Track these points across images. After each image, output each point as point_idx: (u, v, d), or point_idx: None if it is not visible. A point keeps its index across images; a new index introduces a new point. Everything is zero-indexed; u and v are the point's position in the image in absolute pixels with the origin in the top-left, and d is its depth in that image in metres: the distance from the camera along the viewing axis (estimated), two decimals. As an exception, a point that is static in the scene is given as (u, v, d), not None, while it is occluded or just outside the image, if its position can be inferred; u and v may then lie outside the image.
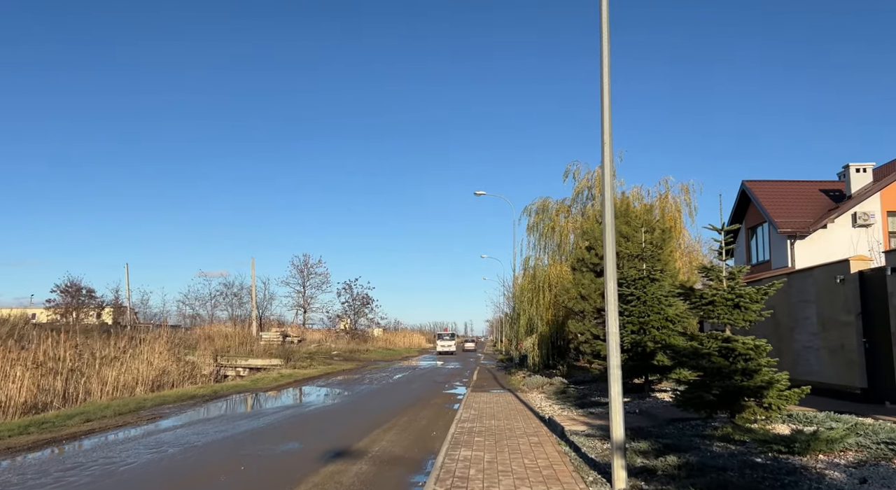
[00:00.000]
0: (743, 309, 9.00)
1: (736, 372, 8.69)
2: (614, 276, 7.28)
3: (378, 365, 42.69)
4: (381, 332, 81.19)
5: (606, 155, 7.28)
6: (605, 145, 7.26)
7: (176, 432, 12.86)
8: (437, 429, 13.18)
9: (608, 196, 7.30)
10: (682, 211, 26.37)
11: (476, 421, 13.04)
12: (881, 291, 10.99)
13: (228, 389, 23.54)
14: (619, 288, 14.60)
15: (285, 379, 28.13)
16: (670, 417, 11.08)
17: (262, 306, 60.48)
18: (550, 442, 10.23)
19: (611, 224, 7.31)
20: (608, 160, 7.29)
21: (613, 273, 7.28)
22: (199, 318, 61.59)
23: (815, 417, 9.28)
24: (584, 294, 17.00)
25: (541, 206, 28.20)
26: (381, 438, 11.98)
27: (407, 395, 20.87)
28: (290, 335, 51.88)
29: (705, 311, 9.21)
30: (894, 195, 27.93)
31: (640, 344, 13.66)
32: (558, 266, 25.14)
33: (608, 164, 7.29)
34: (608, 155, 7.29)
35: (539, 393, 18.96)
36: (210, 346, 38.44)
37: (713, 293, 9.11)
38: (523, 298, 25.87)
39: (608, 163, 7.28)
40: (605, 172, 7.28)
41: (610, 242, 7.30)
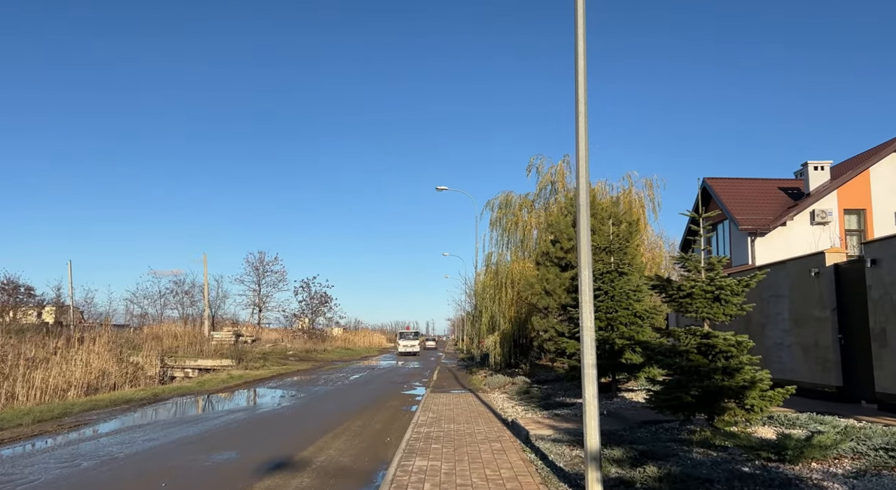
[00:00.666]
0: (723, 302, 8.28)
1: (716, 371, 7.95)
2: (589, 264, 6.41)
3: (335, 365, 41.34)
4: (341, 332, 79.44)
5: (581, 111, 6.40)
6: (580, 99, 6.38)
7: (98, 442, 11.49)
8: (391, 434, 12.17)
9: (583, 170, 6.42)
10: (645, 207, 25.99)
11: (434, 425, 12.08)
12: (859, 285, 10.48)
13: (171, 392, 21.99)
14: (586, 282, 13.87)
15: (234, 380, 26.65)
16: (642, 419, 10.34)
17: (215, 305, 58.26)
18: (514, 448, 9.34)
19: (586, 202, 6.43)
20: (583, 121, 6.41)
21: (588, 260, 6.40)
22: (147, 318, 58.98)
23: (798, 419, 8.63)
24: (549, 289, 16.23)
25: (504, 200, 27.45)
26: (329, 446, 10.91)
27: (362, 397, 19.77)
28: (243, 335, 49.99)
29: (682, 305, 8.46)
30: (850, 193, 28.22)
31: (607, 341, 12.92)
32: (521, 262, 24.40)
33: (583, 125, 6.41)
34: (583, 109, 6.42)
35: (501, 393, 18.14)
36: (157, 346, 36.49)
37: (691, 285, 8.36)
38: (485, 295, 25.04)
39: (583, 124, 6.40)
40: (580, 138, 6.39)
41: (584, 224, 6.42)
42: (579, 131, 6.40)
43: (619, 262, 13.54)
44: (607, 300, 13.36)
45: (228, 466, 9.17)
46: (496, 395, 17.86)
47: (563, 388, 16.97)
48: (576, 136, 6.41)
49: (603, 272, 13.57)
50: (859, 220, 27.91)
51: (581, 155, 6.38)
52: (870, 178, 29.58)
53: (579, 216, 6.45)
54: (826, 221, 27.76)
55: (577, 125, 6.40)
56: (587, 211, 6.46)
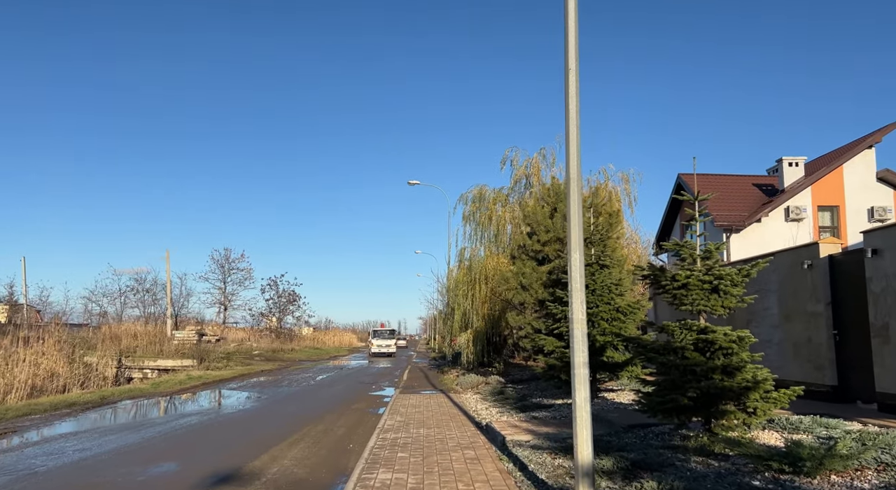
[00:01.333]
0: (722, 293, 7.46)
1: (715, 370, 7.12)
2: (580, 246, 5.49)
3: (302, 365, 39.98)
4: (311, 331, 77.72)
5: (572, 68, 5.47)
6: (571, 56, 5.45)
7: (21, 454, 10.20)
8: (355, 440, 11.13)
9: (573, 133, 5.49)
10: (621, 201, 25.41)
11: (402, 429, 11.07)
12: (856, 277, 9.81)
13: (121, 394, 20.55)
14: (567, 275, 13.01)
15: (193, 381, 25.22)
16: (628, 423, 9.49)
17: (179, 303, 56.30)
18: (490, 457, 8.40)
19: (577, 170, 5.51)
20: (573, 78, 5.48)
21: (579, 241, 5.49)
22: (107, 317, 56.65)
23: (801, 423, 7.86)
24: (525, 284, 15.35)
25: (477, 194, 26.57)
26: (284, 455, 9.82)
27: (327, 399, 18.65)
28: (206, 334, 48.19)
29: (677, 297, 7.61)
30: (824, 190, 28.07)
31: (588, 337, 12.06)
32: (496, 257, 23.53)
33: (573, 80, 5.48)
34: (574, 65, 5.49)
35: (474, 393, 17.21)
36: (113, 345, 34.73)
37: (687, 275, 7.52)
38: (458, 292, 24.11)
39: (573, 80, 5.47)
40: (570, 95, 5.46)
41: (576, 197, 5.50)
42: (569, 86, 5.46)
43: (601, 254, 12.71)
44: (588, 294, 12.50)
45: (164, 481, 8.03)
46: (469, 395, 16.92)
47: (540, 387, 16.12)
48: (565, 89, 5.47)
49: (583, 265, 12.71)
50: (832, 216, 27.77)
51: (571, 115, 5.45)
52: (843, 174, 29.49)
53: (569, 189, 5.52)
54: (800, 218, 27.55)
55: (566, 80, 5.47)
56: (578, 183, 5.54)
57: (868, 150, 29.13)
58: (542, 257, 15.78)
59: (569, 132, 5.48)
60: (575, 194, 5.52)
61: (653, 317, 18.50)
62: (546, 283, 14.97)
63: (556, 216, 15.38)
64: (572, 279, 5.43)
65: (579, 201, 5.52)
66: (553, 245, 15.36)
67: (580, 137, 5.49)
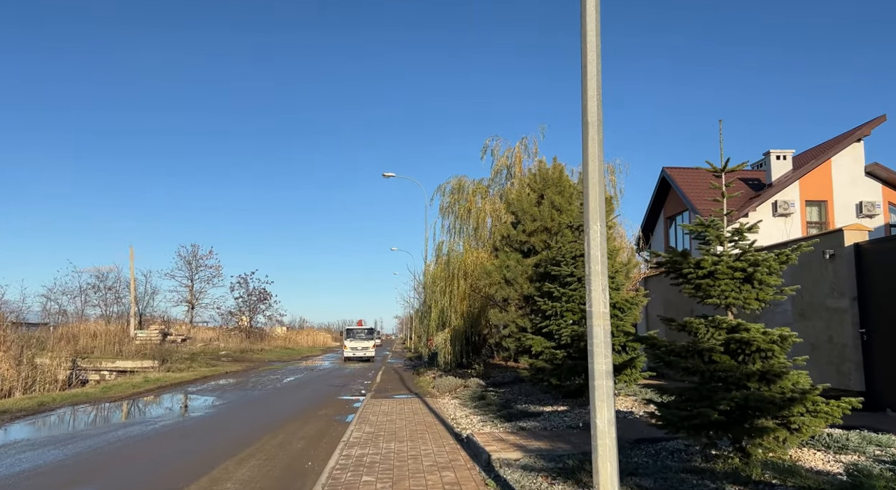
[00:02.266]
0: (757, 283, 6.14)
1: (750, 376, 5.80)
2: (601, 213, 4.09)
3: (272, 366, 38.15)
4: (285, 331, 75.50)
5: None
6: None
7: None
8: (316, 456, 9.62)
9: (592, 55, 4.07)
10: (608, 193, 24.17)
11: (370, 444, 9.59)
12: (889, 267, 8.62)
13: (63, 400, 18.68)
14: (556, 267, 11.65)
15: (149, 384, 23.36)
16: (634, 437, 8.14)
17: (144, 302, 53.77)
18: (473, 480, 6.98)
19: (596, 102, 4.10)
20: None
21: (600, 206, 4.08)
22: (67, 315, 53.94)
23: (847, 439, 6.58)
24: (510, 278, 13.97)
25: (456, 185, 25.17)
26: (229, 476, 8.28)
27: (292, 404, 17.05)
28: (171, 333, 45.98)
29: (701, 287, 6.28)
30: (812, 184, 27.28)
31: (581, 337, 10.75)
32: (475, 252, 22.13)
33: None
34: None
35: (452, 398, 15.78)
36: (68, 346, 32.53)
37: (715, 260, 6.18)
38: (435, 288, 22.67)
39: None
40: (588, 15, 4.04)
41: (595, 147, 4.09)
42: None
43: (596, 243, 11.39)
44: (581, 289, 11.18)
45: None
46: (447, 400, 15.48)
47: (524, 391, 14.75)
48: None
49: (576, 255, 11.39)
50: (820, 211, 26.98)
51: (589, 31, 4.03)
52: (831, 168, 28.75)
53: (586, 138, 4.10)
54: (788, 213, 26.70)
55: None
56: (598, 128, 4.12)
57: (857, 143, 28.41)
58: (528, 249, 14.41)
59: (585, 55, 4.07)
60: (594, 147, 4.11)
61: (643, 315, 17.28)
62: (532, 276, 13.61)
63: (543, 204, 14.03)
64: (592, 259, 4.03)
65: (599, 155, 4.11)
66: (540, 235, 14.00)
67: (600, 65, 4.08)
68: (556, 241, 12.92)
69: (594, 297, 4.00)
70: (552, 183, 14.20)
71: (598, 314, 3.98)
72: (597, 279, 4.00)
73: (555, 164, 14.52)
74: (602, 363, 3.93)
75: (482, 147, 25.87)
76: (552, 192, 13.96)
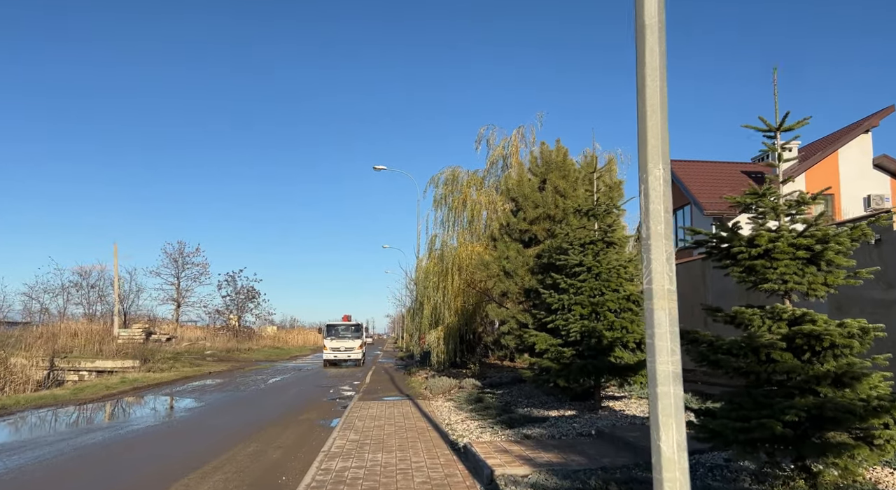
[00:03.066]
0: (825, 265, 5.00)
1: (821, 379, 4.66)
2: (663, 149, 2.91)
3: (258, 366, 36.85)
4: (275, 330, 74.02)
5: None
6: None
7: None
8: (292, 468, 8.42)
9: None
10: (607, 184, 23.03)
11: (354, 455, 8.39)
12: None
13: (28, 403, 17.34)
14: (563, 256, 10.50)
15: (125, 385, 22.03)
16: (660, 448, 6.99)
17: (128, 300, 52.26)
18: (474, 504, 5.81)
19: None
20: None
21: (662, 137, 2.90)
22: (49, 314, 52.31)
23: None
24: (510, 270, 12.80)
25: (450, 176, 23.93)
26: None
27: (273, 407, 15.82)
28: (155, 332, 44.54)
29: (754, 270, 5.14)
30: (819, 177, 26.29)
31: (592, 333, 9.60)
32: (470, 246, 20.93)
33: None
34: None
35: (446, 400, 14.61)
36: (44, 345, 31.10)
37: (772, 237, 5.04)
38: (428, 283, 21.47)
39: None
40: None
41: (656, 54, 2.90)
42: None
43: (609, 227, 10.24)
44: (591, 279, 10.04)
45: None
46: (440, 402, 14.31)
47: (524, 393, 13.60)
48: None
49: (585, 242, 10.24)
50: (827, 205, 26.00)
51: None
52: (838, 160, 27.79)
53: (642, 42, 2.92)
54: (794, 207, 25.55)
55: None
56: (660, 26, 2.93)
57: (864, 134, 27.47)
58: (530, 238, 13.25)
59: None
60: (654, 59, 2.93)
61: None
62: (534, 268, 12.45)
63: (546, 189, 12.89)
64: (652, 216, 2.85)
65: (661, 69, 2.93)
66: (542, 223, 12.85)
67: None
68: (561, 228, 11.78)
69: (655, 269, 2.84)
70: (555, 167, 13.06)
71: (660, 293, 2.83)
72: (658, 244, 2.85)
73: (558, 146, 13.39)
74: (667, 362, 2.77)
75: (476, 137, 24.68)
76: (556, 177, 12.81)
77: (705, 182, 29.21)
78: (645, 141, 2.89)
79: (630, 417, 9.30)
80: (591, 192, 10.50)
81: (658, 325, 2.82)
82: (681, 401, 2.80)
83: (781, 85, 31.60)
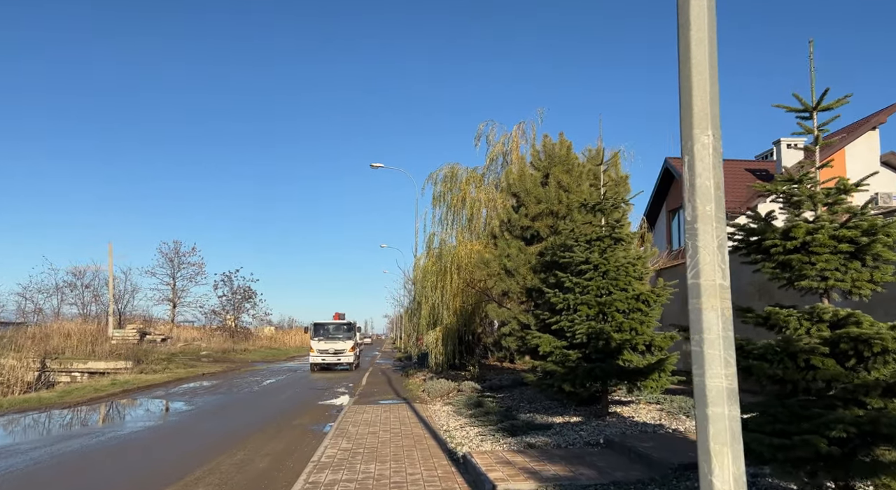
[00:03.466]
0: (871, 260, 4.44)
1: (870, 389, 4.10)
2: (712, 110, 2.33)
3: (254, 367, 36.29)
4: (273, 331, 73.41)
5: None
6: None
7: None
8: (278, 480, 7.85)
9: None
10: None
11: (345, 466, 7.82)
12: None
13: (11, 406, 16.81)
14: (568, 253, 9.93)
15: (114, 388, 21.45)
16: (677, 461, 6.40)
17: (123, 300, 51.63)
18: (475, 525, 5.23)
19: None
20: None
21: (712, 98, 2.32)
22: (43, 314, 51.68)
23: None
24: (511, 268, 12.23)
25: (449, 173, 23.38)
26: (161, 512, 6.49)
27: (265, 411, 15.24)
28: (150, 333, 43.94)
29: (789, 265, 4.59)
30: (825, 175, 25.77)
31: (599, 335, 9.04)
32: (469, 244, 20.36)
33: None
34: None
35: (444, 404, 14.05)
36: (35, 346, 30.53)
37: (811, 228, 4.48)
38: (426, 283, 20.89)
39: None
40: None
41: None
42: None
43: (616, 223, 9.67)
44: (598, 278, 9.47)
45: None
46: (438, 407, 13.74)
47: (526, 397, 13.03)
48: None
49: (591, 238, 9.67)
50: (833, 204, 25.47)
51: None
52: (845, 158, 27.25)
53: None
54: (801, 205, 24.98)
55: None
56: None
57: (872, 131, 26.92)
58: (532, 235, 12.68)
59: None
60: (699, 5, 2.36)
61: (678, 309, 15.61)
62: (536, 266, 11.88)
63: (549, 184, 12.32)
64: (698, 193, 2.29)
65: (710, 18, 2.36)
66: (545, 219, 12.29)
67: None
68: (565, 224, 11.21)
69: (703, 259, 2.28)
70: (559, 161, 12.50)
71: (710, 289, 2.26)
72: (707, 228, 2.28)
73: (561, 139, 12.82)
74: (720, 376, 2.21)
75: (476, 133, 24.14)
76: (559, 171, 12.25)
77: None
78: (689, 100, 2.33)
79: (640, 425, 8.73)
80: (596, 186, 9.94)
81: (707, 329, 2.25)
82: (738, 424, 2.24)
83: (787, 77, 30.19)
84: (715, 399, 2.20)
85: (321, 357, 29.81)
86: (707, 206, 2.28)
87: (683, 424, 8.69)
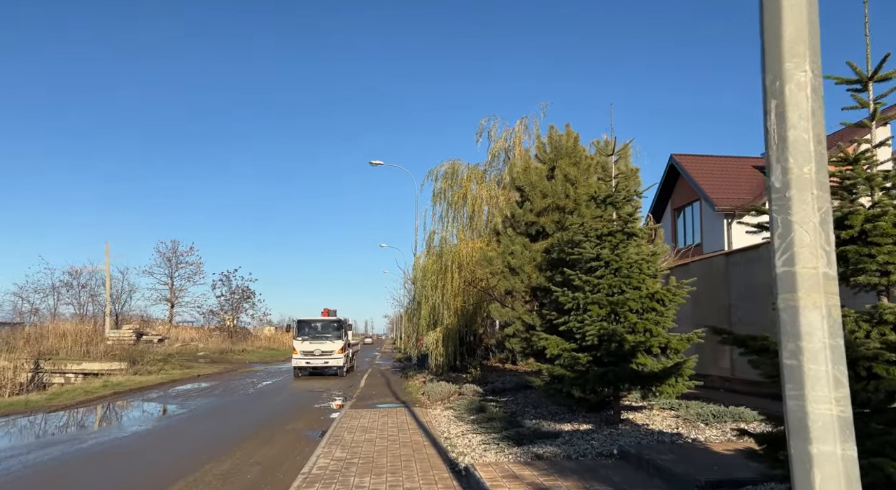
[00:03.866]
0: (941, 250, 3.82)
1: (945, 401, 3.48)
2: (811, 38, 1.70)
3: (251, 368, 35.69)
4: (272, 331, 72.83)
5: None
6: None
7: None
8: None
9: None
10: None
11: (337, 478, 7.21)
12: None
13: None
14: (577, 249, 9.31)
15: (106, 390, 20.86)
16: (704, 477, 5.78)
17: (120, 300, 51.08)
18: (480, 553, 4.61)
19: None
20: None
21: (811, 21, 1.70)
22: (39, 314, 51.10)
23: None
24: (515, 266, 11.61)
25: (449, 169, 22.80)
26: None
27: (259, 415, 14.64)
28: (147, 333, 43.37)
29: (844, 259, 3.98)
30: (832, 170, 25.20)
31: (612, 337, 8.42)
32: (470, 242, 19.76)
33: None
34: None
35: (445, 408, 13.43)
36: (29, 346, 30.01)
37: (870, 215, 3.87)
38: (426, 282, 20.30)
39: None
40: None
41: None
42: None
43: (629, 217, 9.06)
44: (609, 276, 8.86)
45: None
46: (439, 411, 13.12)
47: (531, 401, 12.41)
48: None
49: (602, 234, 9.05)
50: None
51: None
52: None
53: None
54: (809, 202, 24.35)
55: None
56: None
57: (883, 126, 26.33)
58: (537, 231, 12.07)
59: None
60: None
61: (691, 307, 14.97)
62: (542, 264, 11.27)
63: (555, 178, 11.71)
64: (791, 147, 1.67)
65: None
66: (551, 214, 11.67)
67: None
68: (573, 219, 10.60)
69: (799, 240, 1.67)
70: (566, 153, 11.89)
71: (809, 280, 1.65)
72: (805, 197, 1.68)
73: (568, 131, 12.22)
74: (829, 399, 1.60)
75: (477, 129, 23.53)
76: (566, 164, 11.64)
77: (715, 177, 28.03)
78: (777, 24, 1.71)
79: (656, 434, 8.11)
80: (605, 179, 9.33)
81: (808, 335, 1.64)
82: (855, 468, 1.61)
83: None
84: (822, 433, 1.58)
85: (305, 359, 25.56)
86: (806, 166, 1.67)
87: (703, 433, 8.07)
